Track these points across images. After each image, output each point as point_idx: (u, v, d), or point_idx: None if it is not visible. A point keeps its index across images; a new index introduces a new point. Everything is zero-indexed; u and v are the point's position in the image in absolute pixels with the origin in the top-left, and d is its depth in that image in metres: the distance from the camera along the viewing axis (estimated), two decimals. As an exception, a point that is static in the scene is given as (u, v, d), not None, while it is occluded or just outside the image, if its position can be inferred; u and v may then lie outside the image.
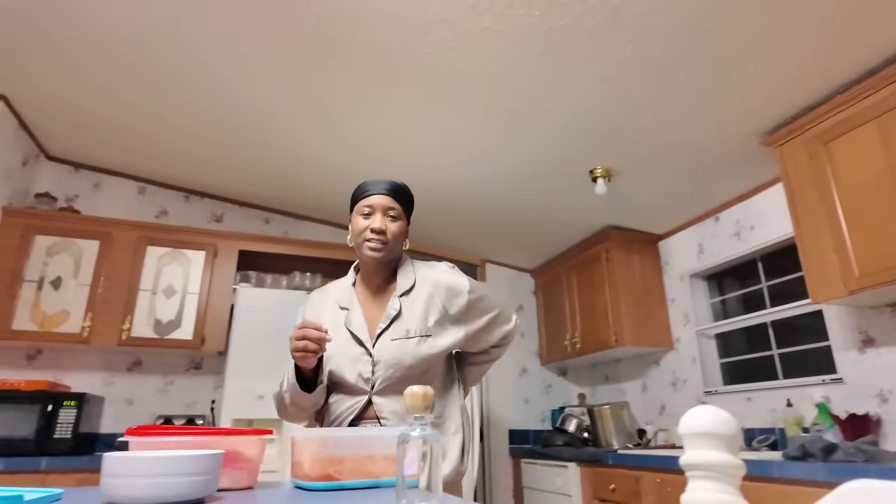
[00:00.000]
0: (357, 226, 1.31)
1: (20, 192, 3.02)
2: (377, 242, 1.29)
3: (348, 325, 1.29)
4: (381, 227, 1.28)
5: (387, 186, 1.33)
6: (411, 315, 1.28)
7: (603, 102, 2.33)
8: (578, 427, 3.45)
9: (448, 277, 1.35)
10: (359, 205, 1.32)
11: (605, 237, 3.55)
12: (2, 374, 2.90)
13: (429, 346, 1.25)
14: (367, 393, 1.22)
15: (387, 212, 1.31)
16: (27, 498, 0.71)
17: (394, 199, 1.32)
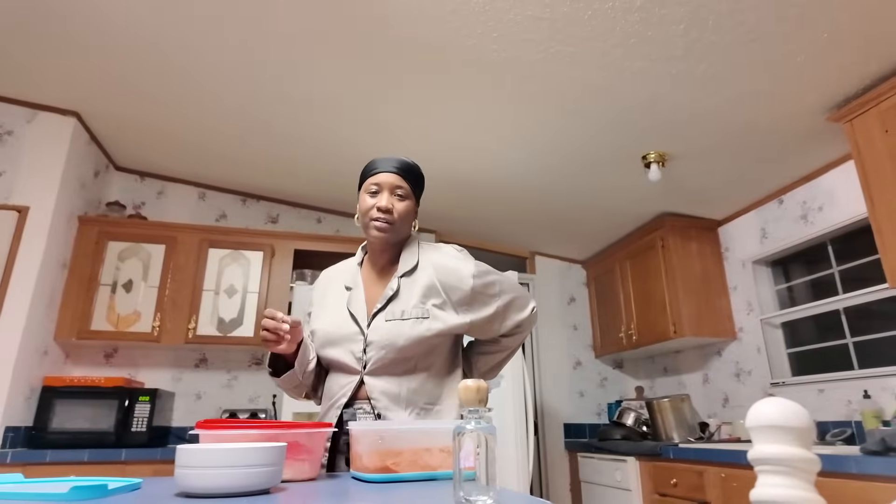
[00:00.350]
0: (364, 204, 1.27)
1: (93, 201, 3.23)
2: (383, 222, 1.24)
3: (349, 305, 1.27)
4: (388, 206, 1.23)
5: (395, 164, 1.27)
6: (409, 296, 1.24)
7: (655, 85, 2.25)
8: (637, 420, 3.37)
9: (452, 261, 1.28)
10: (366, 183, 1.28)
11: (659, 224, 3.44)
12: (83, 372, 3.12)
13: (424, 328, 1.20)
14: (359, 373, 1.21)
15: (394, 190, 1.25)
16: (111, 487, 0.76)
17: (402, 177, 1.27)
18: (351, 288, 1.31)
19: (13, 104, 2.81)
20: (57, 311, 2.88)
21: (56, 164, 2.80)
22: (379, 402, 1.19)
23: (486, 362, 1.36)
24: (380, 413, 1.19)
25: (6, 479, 0.82)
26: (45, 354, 2.81)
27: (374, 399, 1.19)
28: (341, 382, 1.23)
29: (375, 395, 1.19)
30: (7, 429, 2.48)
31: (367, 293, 1.29)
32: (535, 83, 2.30)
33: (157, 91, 2.62)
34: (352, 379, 1.22)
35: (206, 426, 0.92)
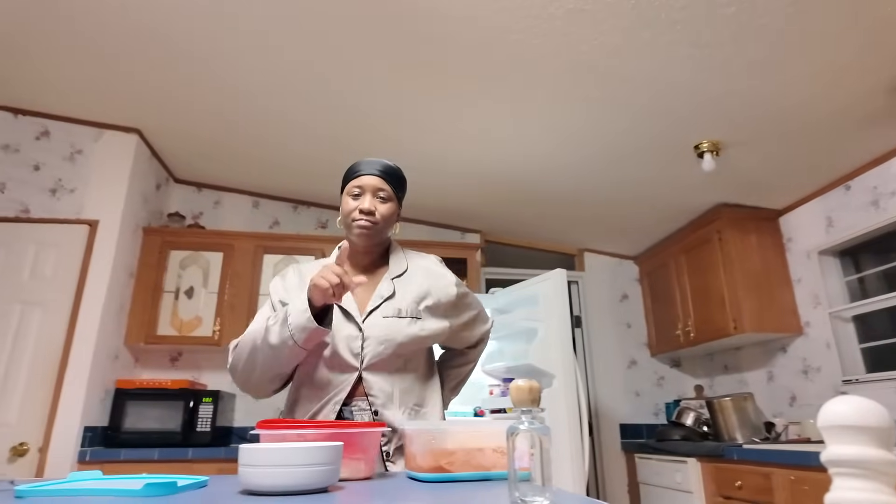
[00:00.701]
0: (346, 206, 1.28)
1: (155, 213, 3.41)
2: (366, 223, 1.26)
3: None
4: (371, 209, 1.25)
5: (378, 167, 1.29)
6: (403, 297, 1.28)
7: (704, 71, 2.17)
8: (697, 420, 3.25)
9: (440, 269, 1.38)
10: (349, 185, 1.29)
11: (715, 216, 3.30)
12: (151, 375, 3.29)
13: (418, 328, 1.25)
14: (356, 369, 1.21)
15: (377, 192, 1.27)
16: (180, 484, 0.80)
17: (384, 180, 1.29)
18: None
19: (82, 125, 3.00)
20: (126, 318, 3.05)
21: (121, 179, 2.97)
22: (377, 398, 1.20)
23: (455, 376, 1.44)
24: (377, 410, 1.20)
25: (88, 476, 0.87)
26: (117, 359, 2.98)
27: (373, 396, 1.20)
28: (338, 378, 1.21)
29: (374, 391, 1.20)
30: (86, 428, 2.64)
31: (357, 291, 1.29)
32: (578, 77, 2.26)
33: (210, 107, 2.74)
34: (348, 375, 1.21)
35: (266, 426, 0.95)
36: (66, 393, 2.59)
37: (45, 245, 2.78)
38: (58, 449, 2.51)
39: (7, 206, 2.82)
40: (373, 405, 1.20)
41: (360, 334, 1.23)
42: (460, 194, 3.51)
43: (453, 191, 3.46)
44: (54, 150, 2.95)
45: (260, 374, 1.20)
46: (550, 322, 2.86)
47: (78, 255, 2.79)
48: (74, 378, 2.62)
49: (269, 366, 1.19)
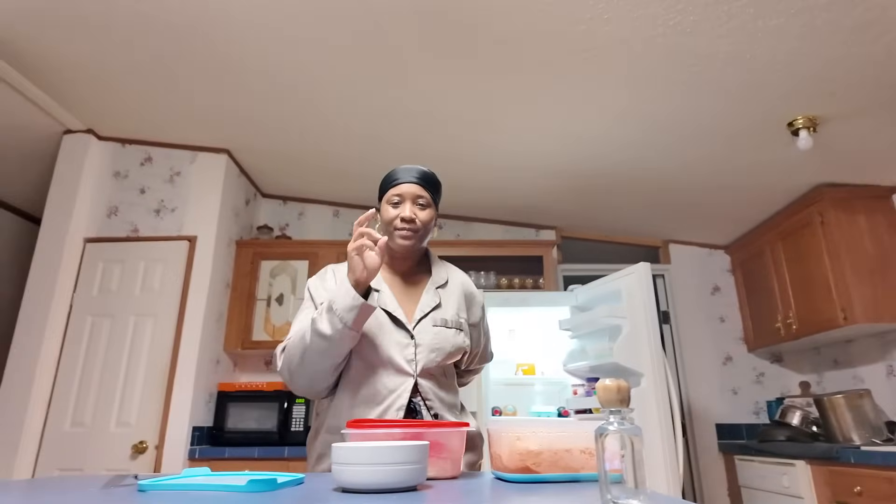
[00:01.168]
0: (387, 214, 1.31)
1: (246, 226, 3.64)
2: (408, 231, 1.29)
3: (383, 305, 1.26)
4: (411, 216, 1.29)
5: (416, 174, 1.33)
6: (448, 307, 1.33)
7: (796, 41, 2.00)
8: (804, 420, 3.00)
9: (471, 283, 1.44)
10: (388, 194, 1.33)
11: (816, 198, 3.04)
12: (249, 378, 3.52)
13: (461, 339, 1.30)
14: (411, 375, 1.22)
15: (416, 200, 1.31)
16: (280, 481, 0.84)
17: (423, 187, 1.32)
18: (377, 290, 1.28)
19: (179, 149, 3.26)
20: (224, 326, 3.28)
21: (215, 196, 3.20)
22: (434, 403, 1.23)
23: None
24: (436, 414, 1.23)
25: (198, 472, 0.95)
26: (218, 363, 3.21)
27: (430, 401, 1.23)
28: (390, 383, 1.21)
29: (430, 396, 1.23)
30: (194, 428, 2.87)
31: (398, 297, 1.31)
32: (653, 60, 2.16)
33: (289, 125, 2.89)
34: (404, 380, 1.22)
35: (355, 425, 0.99)
36: (176, 396, 2.82)
37: (152, 261, 3.05)
38: (171, 447, 2.74)
39: (120, 227, 3.13)
40: (431, 409, 1.23)
41: (411, 341, 1.25)
42: (534, 191, 3.47)
43: (527, 188, 3.42)
44: (156, 173, 3.23)
45: (314, 370, 1.18)
46: (635, 318, 2.75)
47: (181, 268, 3.04)
48: (183, 382, 2.85)
49: (323, 358, 1.16)
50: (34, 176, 3.36)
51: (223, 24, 2.17)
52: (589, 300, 3.12)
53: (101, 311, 2.95)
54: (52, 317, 2.84)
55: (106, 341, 2.89)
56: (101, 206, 3.15)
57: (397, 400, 1.20)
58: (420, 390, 1.23)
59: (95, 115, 3.00)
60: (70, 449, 2.72)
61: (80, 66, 2.52)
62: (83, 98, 2.82)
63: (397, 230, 1.30)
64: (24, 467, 2.65)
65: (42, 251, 2.94)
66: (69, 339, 2.89)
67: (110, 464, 2.70)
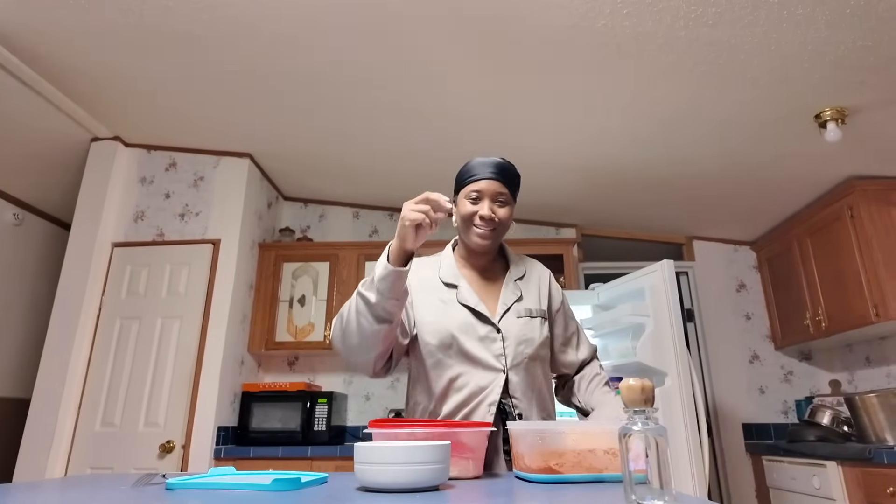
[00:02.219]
0: (465, 210, 1.27)
1: (268, 229, 3.69)
2: (486, 230, 1.25)
3: (464, 301, 1.25)
4: (491, 215, 1.25)
5: (495, 170, 1.26)
6: (529, 298, 1.31)
7: (824, 30, 1.95)
8: (835, 420, 2.92)
9: (550, 275, 1.43)
10: (466, 189, 1.27)
11: (846, 191, 2.95)
12: (272, 378, 3.56)
13: (546, 329, 1.29)
14: (501, 370, 1.19)
15: (496, 197, 1.26)
16: (304, 480, 0.85)
17: (503, 183, 1.27)
18: (455, 285, 1.27)
19: (203, 154, 3.32)
20: (248, 327, 3.33)
21: (237, 200, 3.25)
22: (521, 402, 1.20)
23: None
24: (521, 413, 1.20)
25: (224, 472, 0.96)
26: (242, 364, 3.26)
27: (517, 399, 1.20)
28: (481, 381, 1.19)
29: (517, 394, 1.20)
30: (219, 428, 2.91)
31: (478, 293, 1.28)
32: (675, 54, 2.13)
33: (312, 128, 2.92)
34: (495, 375, 1.19)
35: (377, 425, 0.99)
36: (202, 396, 2.87)
37: (178, 264, 3.11)
38: (197, 446, 2.79)
39: (147, 231, 3.19)
40: (516, 407, 1.19)
41: (498, 335, 1.23)
42: (554, 189, 3.44)
43: (547, 186, 3.39)
44: (181, 178, 3.29)
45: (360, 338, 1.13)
46: (659, 317, 2.71)
47: (205, 271, 3.09)
48: (208, 383, 2.90)
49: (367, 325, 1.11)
50: (64, 183, 3.46)
51: (246, 33, 2.20)
52: (611, 299, 3.09)
53: (130, 313, 3.01)
54: (83, 319, 2.92)
55: (134, 343, 2.96)
56: (128, 211, 3.22)
57: (488, 396, 1.18)
58: (511, 386, 1.20)
59: (122, 122, 3.07)
60: (100, 448, 2.79)
61: (108, 76, 2.58)
62: (110, 106, 2.89)
63: (476, 228, 1.26)
64: (57, 466, 2.72)
65: (72, 256, 3.02)
66: (99, 342, 2.96)
67: (139, 463, 2.76)
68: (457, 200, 1.31)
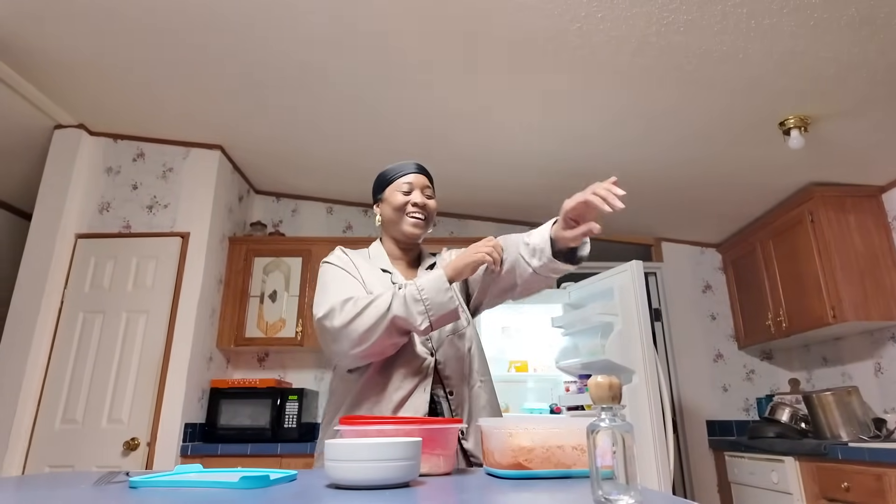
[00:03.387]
0: (397, 200, 1.35)
1: (239, 223, 3.62)
2: (419, 216, 1.35)
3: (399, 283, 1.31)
4: (423, 202, 1.36)
5: (420, 167, 1.40)
6: None
7: (789, 41, 2.02)
8: (793, 417, 3.03)
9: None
10: (397, 182, 1.37)
11: (806, 197, 3.06)
12: (242, 375, 3.51)
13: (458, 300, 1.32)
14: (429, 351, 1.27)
15: (424, 190, 1.38)
16: (272, 477, 0.84)
17: (427, 178, 1.40)
18: (391, 272, 1.37)
19: (172, 144, 3.24)
20: (217, 322, 3.27)
21: (208, 193, 3.18)
22: (451, 380, 1.27)
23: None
24: (451, 390, 1.27)
25: (190, 469, 0.95)
26: (211, 360, 3.20)
27: (448, 377, 1.27)
28: (415, 364, 1.24)
29: (448, 372, 1.27)
30: (186, 425, 2.86)
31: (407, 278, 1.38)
32: (647, 59, 2.17)
33: (285, 121, 2.87)
34: (425, 359, 1.26)
35: (347, 422, 0.99)
36: (169, 392, 2.81)
37: (145, 257, 3.03)
38: (163, 444, 2.73)
39: (112, 223, 3.10)
40: (447, 386, 1.26)
41: None
42: (528, 188, 3.47)
43: (521, 185, 3.42)
44: (149, 169, 3.20)
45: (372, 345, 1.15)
46: (628, 316, 2.77)
47: (173, 265, 3.02)
48: (175, 379, 2.84)
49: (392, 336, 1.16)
50: (25, 171, 3.33)
51: (217, 21, 2.15)
52: (582, 298, 3.14)
53: (93, 307, 2.93)
54: (43, 313, 2.82)
55: (98, 337, 2.88)
56: (93, 201, 3.13)
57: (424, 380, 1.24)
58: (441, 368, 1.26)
59: (87, 110, 2.97)
60: (61, 446, 2.71)
61: (73, 62, 2.50)
62: (75, 93, 2.80)
63: (409, 215, 1.35)
64: (13, 465, 2.63)
65: (33, 247, 2.91)
66: (60, 336, 2.87)
67: (102, 461, 2.69)
68: (383, 198, 1.40)
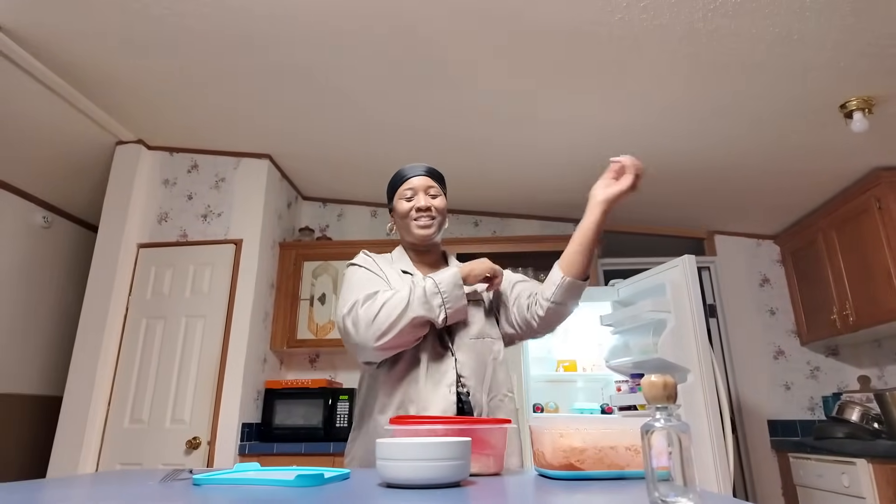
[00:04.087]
0: (402, 208, 1.38)
1: (288, 229, 3.73)
2: (426, 219, 1.36)
3: None
4: (427, 205, 1.36)
5: (422, 169, 1.41)
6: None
7: (849, 18, 1.90)
8: (864, 416, 2.86)
9: None
10: (399, 190, 1.39)
11: (873, 182, 2.88)
12: (294, 375, 3.61)
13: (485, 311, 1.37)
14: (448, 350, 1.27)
15: (427, 190, 1.38)
16: (326, 476, 0.86)
17: (430, 178, 1.40)
18: (411, 273, 1.38)
19: (224, 155, 3.37)
20: (270, 325, 3.37)
21: (258, 200, 3.29)
22: (469, 380, 1.26)
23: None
24: (468, 392, 1.25)
25: (248, 467, 0.98)
26: (265, 362, 3.30)
27: (464, 377, 1.25)
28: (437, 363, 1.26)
29: (466, 373, 1.26)
30: (243, 425, 2.96)
31: None
32: (695, 46, 2.10)
33: (330, 129, 2.94)
34: (447, 357, 1.26)
35: (398, 421, 1.00)
36: (226, 393, 2.92)
37: (201, 264, 3.16)
38: (222, 443, 2.85)
39: (170, 232, 3.26)
40: (465, 385, 1.25)
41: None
42: (572, 185, 3.41)
43: (564, 182, 3.37)
44: (203, 180, 3.34)
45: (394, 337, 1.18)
46: (681, 312, 2.68)
47: (228, 271, 3.14)
48: (232, 380, 2.95)
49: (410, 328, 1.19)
50: (90, 186, 3.54)
51: (265, 37, 2.22)
52: (631, 295, 3.06)
53: (155, 313, 3.08)
54: (111, 319, 2.99)
55: (160, 342, 3.02)
56: (152, 212, 3.29)
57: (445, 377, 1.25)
58: (459, 367, 1.26)
59: (145, 126, 3.13)
60: (129, 445, 2.86)
61: (131, 80, 2.64)
62: (134, 110, 2.95)
63: (415, 220, 1.37)
64: (88, 462, 2.80)
65: (99, 257, 3.09)
66: (126, 341, 3.03)
67: (166, 459, 2.82)
68: (393, 208, 1.42)
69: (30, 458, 3.33)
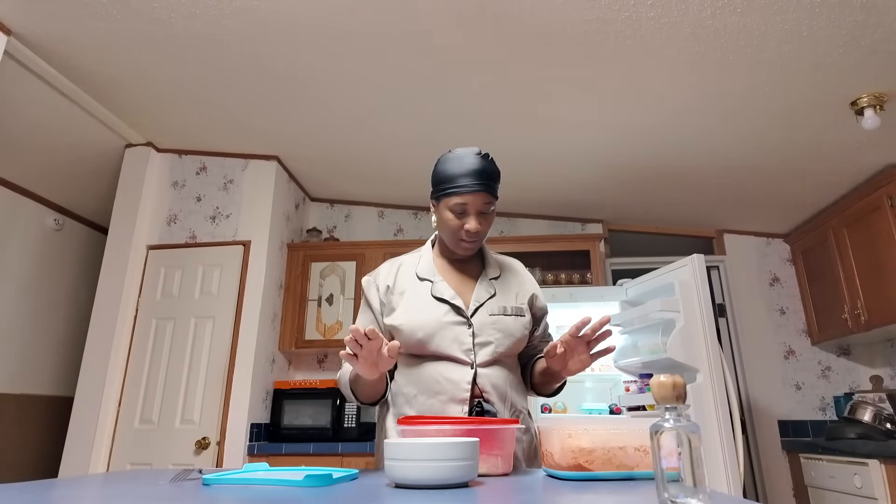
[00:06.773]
0: (449, 223, 1.24)
1: (296, 230, 3.74)
2: (472, 243, 1.27)
3: (439, 294, 1.25)
4: (478, 229, 1.23)
5: (480, 179, 1.20)
6: (504, 295, 1.30)
7: (860, 13, 1.88)
8: (877, 416, 2.83)
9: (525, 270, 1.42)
10: (450, 200, 1.22)
11: (885, 180, 2.85)
12: (303, 376, 3.62)
13: (521, 325, 1.28)
14: (469, 364, 1.19)
15: (481, 210, 1.23)
16: (335, 476, 0.87)
17: (488, 193, 1.22)
18: (431, 280, 1.28)
19: (232, 157, 3.39)
20: (279, 326, 3.39)
21: (266, 202, 3.31)
22: (491, 395, 1.20)
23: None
24: (489, 410, 1.19)
25: (258, 468, 0.99)
26: (273, 362, 3.32)
27: (487, 393, 1.19)
28: (451, 375, 1.19)
29: (488, 388, 1.20)
30: (252, 425, 2.98)
31: (453, 286, 1.29)
32: (703, 43, 2.09)
33: (337, 130, 2.95)
34: (464, 371, 1.19)
35: (407, 422, 1.00)
36: (235, 394, 2.94)
37: (210, 266, 3.18)
38: (232, 443, 2.86)
39: (179, 234, 3.28)
40: (488, 401, 1.19)
41: (469, 330, 1.23)
42: (580, 184, 3.41)
43: (572, 182, 3.36)
44: (211, 182, 3.37)
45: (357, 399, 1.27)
46: (690, 312, 2.66)
47: (236, 272, 3.16)
48: (241, 381, 2.96)
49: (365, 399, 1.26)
50: (100, 188, 3.57)
51: (272, 41, 2.23)
52: (640, 294, 3.04)
53: (165, 314, 3.10)
54: (121, 320, 3.01)
55: (169, 342, 3.05)
56: (161, 214, 3.32)
57: (459, 392, 1.18)
58: (480, 382, 1.19)
59: (154, 128, 3.16)
60: (140, 445, 2.88)
61: (140, 84, 2.66)
62: (143, 113, 2.98)
63: (461, 242, 1.26)
64: (99, 462, 2.83)
65: (110, 259, 3.12)
66: (136, 341, 3.06)
67: (176, 459, 2.84)
68: (437, 204, 1.27)
69: (42, 458, 3.37)
